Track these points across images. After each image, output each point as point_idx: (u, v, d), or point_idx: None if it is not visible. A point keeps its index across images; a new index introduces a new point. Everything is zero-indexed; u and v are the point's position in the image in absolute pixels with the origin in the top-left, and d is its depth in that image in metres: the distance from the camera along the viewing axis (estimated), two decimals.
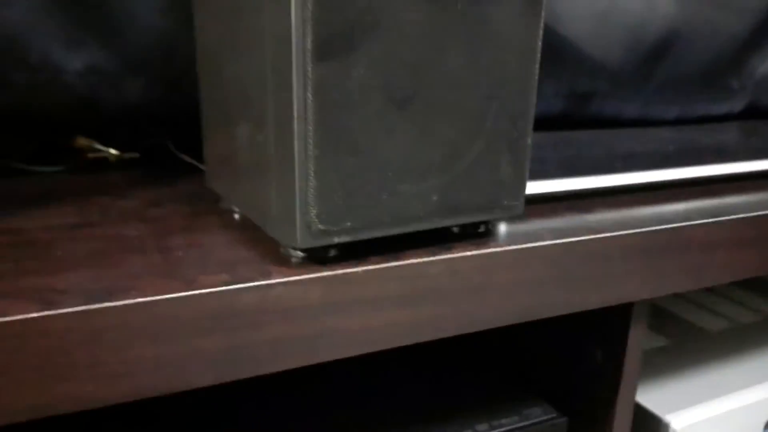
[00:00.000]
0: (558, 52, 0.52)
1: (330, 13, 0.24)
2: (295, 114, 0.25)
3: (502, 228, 0.35)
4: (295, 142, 0.25)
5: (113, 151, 0.45)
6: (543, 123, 0.57)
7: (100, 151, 0.45)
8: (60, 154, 0.46)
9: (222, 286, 0.25)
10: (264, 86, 0.27)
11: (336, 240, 0.27)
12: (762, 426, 0.51)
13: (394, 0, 0.26)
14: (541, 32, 0.30)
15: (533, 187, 0.39)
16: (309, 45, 0.24)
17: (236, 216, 0.34)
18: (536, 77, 0.31)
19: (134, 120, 0.44)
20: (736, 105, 0.65)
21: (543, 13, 0.30)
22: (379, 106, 0.27)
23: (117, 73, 0.41)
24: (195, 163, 0.44)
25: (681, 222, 0.37)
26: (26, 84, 0.40)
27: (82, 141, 0.45)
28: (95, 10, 0.39)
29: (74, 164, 0.44)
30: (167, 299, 0.24)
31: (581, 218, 0.37)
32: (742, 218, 0.39)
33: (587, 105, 0.56)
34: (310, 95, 0.25)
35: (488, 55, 0.29)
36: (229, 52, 0.30)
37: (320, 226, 0.27)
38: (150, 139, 0.47)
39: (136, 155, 0.46)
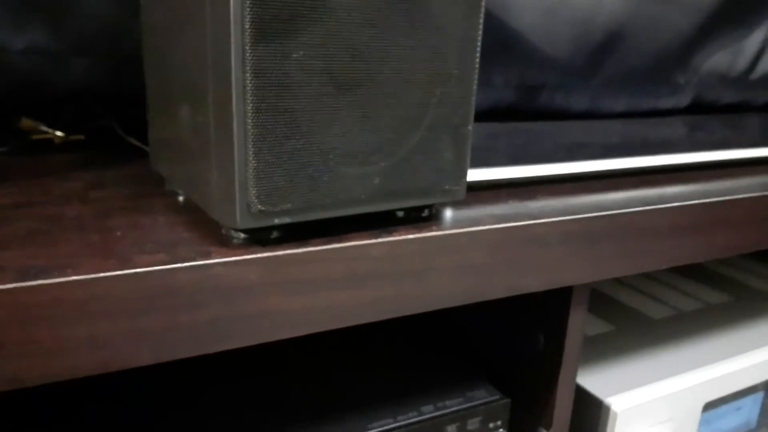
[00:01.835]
0: (509, 44, 0.53)
1: None
2: (234, 95, 0.25)
3: (447, 213, 0.35)
4: (234, 123, 0.26)
5: (58, 133, 0.44)
6: (493, 114, 0.58)
7: (45, 132, 0.44)
8: (4, 135, 0.45)
9: (159, 265, 0.26)
10: (205, 67, 0.27)
11: (276, 221, 0.28)
12: (700, 409, 0.53)
13: None
14: (481, 22, 0.31)
15: (478, 175, 0.40)
16: (247, 26, 0.25)
17: (180, 198, 0.34)
18: (477, 66, 0.31)
19: (79, 101, 0.44)
20: (682, 100, 0.67)
21: (483, 4, 0.30)
22: (320, 89, 0.27)
23: (62, 54, 0.41)
24: (141, 145, 0.44)
25: (619, 209, 0.38)
26: None
27: (26, 122, 0.44)
28: None
29: (18, 145, 0.43)
30: (102, 277, 0.24)
31: (523, 205, 0.38)
32: (679, 206, 0.41)
33: (537, 97, 0.57)
34: (248, 76, 0.25)
35: (430, 43, 0.29)
36: (172, 34, 0.30)
37: (260, 207, 0.27)
38: (96, 121, 0.46)
39: (81, 137, 0.45)
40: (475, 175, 0.39)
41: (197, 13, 0.27)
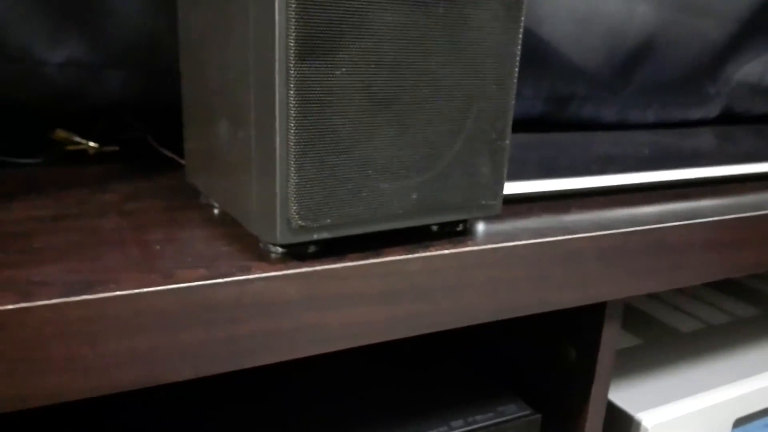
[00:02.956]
0: (539, 55, 0.52)
1: (313, 13, 0.25)
2: (277, 111, 0.25)
3: (480, 227, 0.35)
4: (277, 139, 0.26)
5: (92, 144, 0.44)
6: (523, 125, 0.57)
7: (79, 143, 0.44)
8: (39, 146, 0.45)
9: (200, 280, 0.26)
10: (246, 83, 0.27)
11: (315, 236, 0.28)
12: (731, 425, 0.52)
13: (377, 1, 0.26)
14: (520, 36, 0.30)
15: (511, 188, 0.39)
16: (292, 43, 0.25)
17: (216, 211, 0.35)
18: (515, 80, 0.31)
19: (114, 113, 0.44)
20: (712, 110, 0.67)
21: (522, 18, 0.30)
22: (361, 105, 0.27)
23: (98, 66, 0.41)
24: (175, 157, 0.44)
25: (654, 224, 0.38)
26: (6, 76, 0.40)
27: (61, 133, 0.44)
28: (78, 2, 0.39)
29: (53, 156, 0.44)
30: (145, 293, 0.24)
31: (558, 219, 0.38)
32: (714, 221, 0.40)
33: (566, 108, 0.57)
34: (292, 93, 0.25)
35: (469, 57, 0.29)
36: (211, 49, 0.30)
37: (300, 222, 0.27)
38: (130, 132, 0.46)
39: (115, 148, 0.46)
40: (508, 188, 0.39)
41: (239, 29, 0.27)
